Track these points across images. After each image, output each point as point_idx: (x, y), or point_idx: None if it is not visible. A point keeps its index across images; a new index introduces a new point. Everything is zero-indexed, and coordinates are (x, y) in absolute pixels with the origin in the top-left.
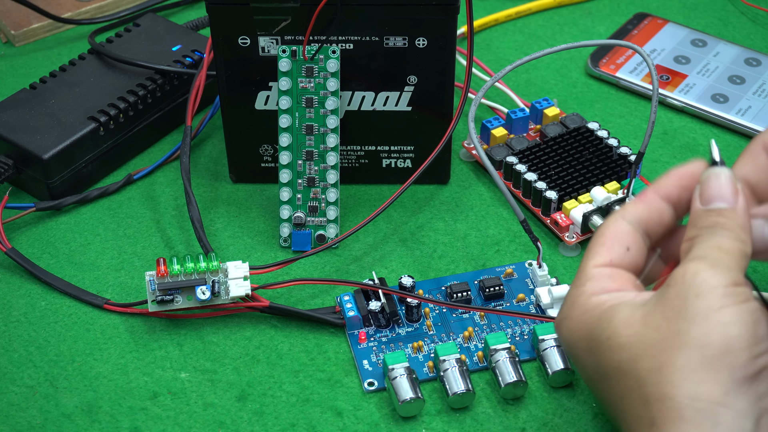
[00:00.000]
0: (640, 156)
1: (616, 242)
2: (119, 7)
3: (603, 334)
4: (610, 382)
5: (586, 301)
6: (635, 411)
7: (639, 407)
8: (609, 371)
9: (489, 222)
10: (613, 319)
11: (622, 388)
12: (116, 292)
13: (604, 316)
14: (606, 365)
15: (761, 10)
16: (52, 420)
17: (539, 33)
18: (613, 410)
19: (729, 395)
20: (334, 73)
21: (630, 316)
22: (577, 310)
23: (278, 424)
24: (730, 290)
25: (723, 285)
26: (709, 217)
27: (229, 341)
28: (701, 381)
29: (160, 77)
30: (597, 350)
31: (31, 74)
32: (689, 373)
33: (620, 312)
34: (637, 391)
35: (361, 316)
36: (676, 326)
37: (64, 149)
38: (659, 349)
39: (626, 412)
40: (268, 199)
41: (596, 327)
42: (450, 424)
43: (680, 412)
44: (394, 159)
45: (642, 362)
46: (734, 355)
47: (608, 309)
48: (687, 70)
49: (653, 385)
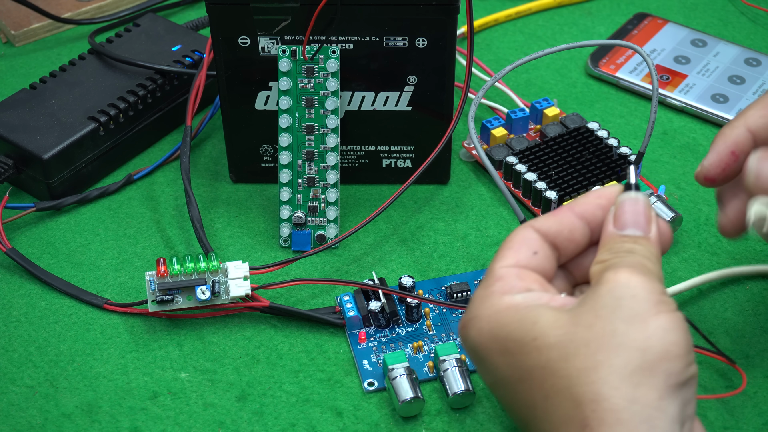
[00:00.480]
0: (640, 156)
1: (522, 246)
2: (119, 7)
3: (527, 335)
4: (532, 383)
5: (498, 301)
6: (562, 411)
7: (568, 407)
8: (533, 372)
9: (489, 222)
10: (538, 321)
11: (547, 389)
12: (116, 292)
13: (525, 318)
14: (529, 366)
15: (761, 10)
16: (52, 420)
17: (539, 33)
18: (531, 412)
19: (663, 400)
20: (334, 73)
21: (556, 317)
22: (487, 310)
23: (278, 424)
24: (664, 298)
25: (658, 292)
26: (624, 242)
27: (229, 341)
28: (639, 384)
29: (160, 77)
30: (518, 351)
31: (31, 74)
32: (627, 374)
33: (544, 314)
34: (567, 391)
35: (361, 316)
36: (612, 326)
37: (64, 149)
38: (593, 349)
39: (551, 413)
40: (268, 199)
41: (516, 328)
42: (450, 424)
43: (617, 414)
44: (394, 159)
45: (574, 361)
46: (671, 361)
47: (528, 311)
48: (687, 70)
49: (586, 385)
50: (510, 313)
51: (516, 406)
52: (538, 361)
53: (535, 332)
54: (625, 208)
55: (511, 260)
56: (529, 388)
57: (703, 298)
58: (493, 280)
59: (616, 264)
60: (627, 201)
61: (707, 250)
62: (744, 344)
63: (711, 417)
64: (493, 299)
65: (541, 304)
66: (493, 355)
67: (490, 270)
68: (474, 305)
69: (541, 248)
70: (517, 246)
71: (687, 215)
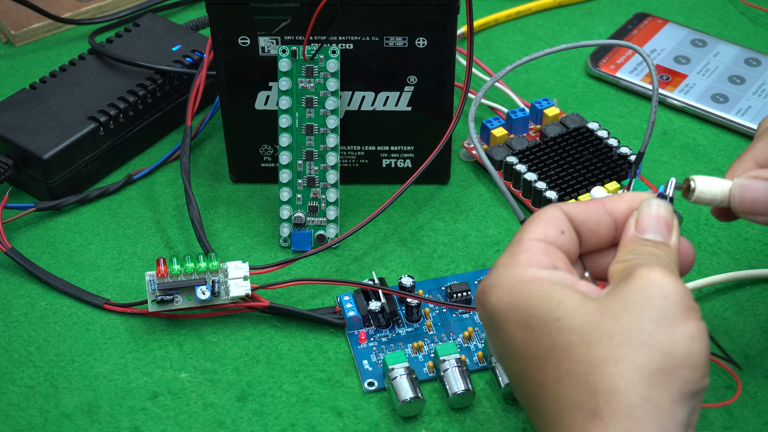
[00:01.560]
0: (640, 156)
1: (551, 223)
2: (119, 7)
3: (551, 313)
4: (546, 362)
5: (523, 272)
6: (574, 396)
7: (581, 393)
8: (550, 351)
9: (489, 222)
10: (563, 301)
11: (561, 371)
12: (116, 292)
13: (550, 296)
14: (547, 344)
15: (761, 10)
16: (52, 420)
17: (539, 33)
18: (539, 390)
19: (676, 405)
20: (334, 73)
21: (582, 302)
22: (510, 279)
23: (278, 424)
24: (694, 305)
25: (689, 297)
26: (646, 245)
27: (229, 341)
28: (656, 385)
29: (160, 77)
30: (537, 327)
31: (31, 74)
32: (647, 374)
33: (569, 296)
34: (583, 377)
35: (361, 316)
36: (639, 323)
37: (64, 149)
38: (616, 341)
39: (560, 395)
40: (268, 199)
41: (539, 304)
42: (450, 424)
43: (630, 410)
44: (394, 159)
45: (595, 349)
46: (691, 370)
47: (554, 289)
48: (687, 70)
49: (604, 375)
50: (534, 287)
51: (524, 381)
52: (557, 342)
53: (560, 312)
54: (648, 212)
55: (540, 234)
56: (542, 366)
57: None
58: (520, 249)
59: (645, 263)
60: (652, 204)
61: (707, 250)
62: (744, 344)
63: (711, 417)
64: (518, 269)
65: (567, 285)
66: (511, 326)
67: (517, 240)
68: (497, 272)
69: (568, 230)
70: (546, 222)
71: (687, 215)
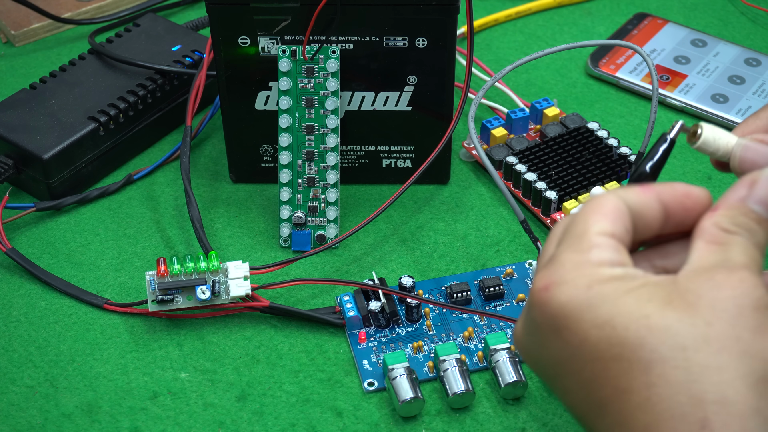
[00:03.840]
0: (640, 156)
1: (618, 218)
2: (119, 7)
3: (639, 310)
4: (632, 364)
5: (597, 272)
6: (674, 406)
7: (683, 403)
8: (637, 351)
9: (489, 222)
10: (652, 299)
11: (653, 376)
12: (116, 292)
13: (636, 293)
14: (635, 344)
15: (761, 10)
16: (52, 420)
17: (539, 33)
18: (620, 396)
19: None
20: (334, 73)
21: (669, 299)
22: (583, 278)
23: (278, 424)
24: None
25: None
26: (750, 218)
27: (229, 341)
28: (762, 395)
29: (160, 77)
30: (622, 326)
31: (31, 74)
32: (753, 383)
33: (654, 292)
34: (684, 386)
35: (361, 316)
36: (735, 331)
37: (64, 149)
38: (715, 348)
39: (654, 403)
40: (268, 199)
41: (625, 301)
42: (450, 424)
43: (743, 422)
44: (394, 159)
45: (694, 355)
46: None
47: (635, 286)
48: (687, 70)
49: (710, 384)
50: (613, 286)
51: (598, 386)
52: (646, 342)
53: (647, 310)
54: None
55: (607, 228)
56: (627, 368)
57: None
58: (588, 245)
59: (733, 260)
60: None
61: None
62: None
63: None
64: (590, 268)
65: (650, 282)
66: (585, 326)
67: (580, 232)
68: (563, 269)
69: (630, 226)
70: (612, 216)
71: None
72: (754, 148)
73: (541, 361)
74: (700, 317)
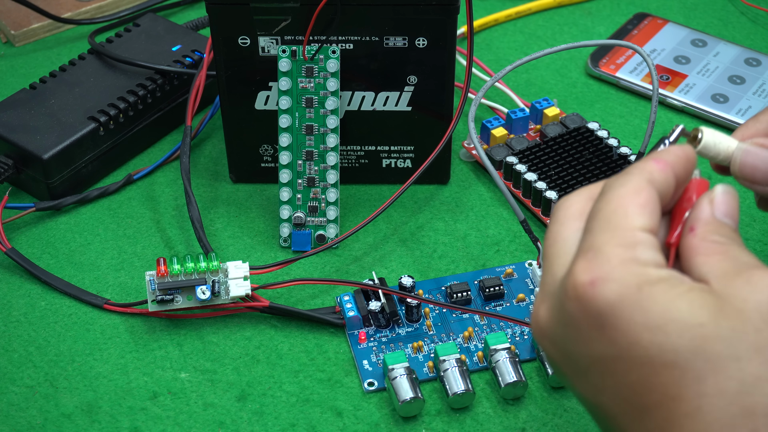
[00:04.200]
0: (640, 156)
1: (654, 211)
2: (119, 7)
3: (692, 317)
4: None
5: (644, 272)
6: (725, 417)
7: (735, 414)
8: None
9: (489, 222)
10: (705, 305)
11: (706, 386)
12: (116, 292)
13: (689, 298)
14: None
15: (761, 10)
16: (52, 420)
17: (539, 33)
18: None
19: None
20: (334, 73)
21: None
22: (632, 277)
23: (278, 424)
24: None
25: None
26: (727, 228)
27: (229, 341)
28: None
29: (160, 77)
30: (677, 333)
31: (31, 74)
32: None
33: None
34: (737, 397)
35: (361, 316)
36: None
37: (64, 149)
38: (765, 357)
39: (704, 413)
40: (268, 199)
41: (678, 307)
42: (450, 424)
43: None
44: (394, 159)
45: (747, 365)
46: None
47: (685, 291)
48: (687, 70)
49: (762, 396)
50: (662, 289)
51: (645, 390)
52: (701, 350)
53: (701, 318)
54: (726, 198)
55: (647, 223)
56: (679, 376)
57: None
58: (633, 241)
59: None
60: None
61: None
62: None
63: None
64: (638, 267)
65: (696, 287)
66: (637, 328)
67: (623, 225)
68: (609, 265)
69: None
70: (650, 209)
71: None
72: (754, 153)
73: (573, 355)
74: (751, 324)
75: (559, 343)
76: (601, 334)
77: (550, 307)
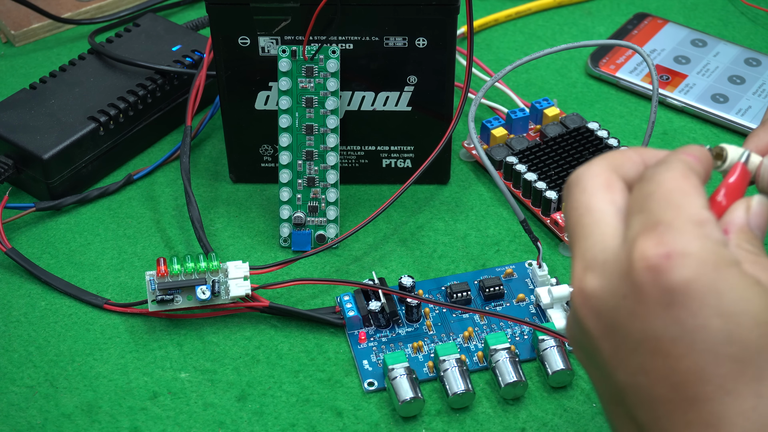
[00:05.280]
0: None
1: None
2: (119, 7)
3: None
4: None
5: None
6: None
7: None
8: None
9: (489, 222)
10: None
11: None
12: (116, 292)
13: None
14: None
15: (761, 10)
16: (52, 420)
17: (539, 33)
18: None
19: None
20: (334, 73)
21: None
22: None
23: (278, 424)
24: None
25: None
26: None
27: (229, 341)
28: None
29: (160, 77)
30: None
31: (31, 74)
32: None
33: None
34: None
35: (361, 316)
36: None
37: (64, 149)
38: None
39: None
40: (268, 199)
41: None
42: (450, 424)
43: None
44: (394, 159)
45: None
46: None
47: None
48: (687, 70)
49: None
50: (737, 274)
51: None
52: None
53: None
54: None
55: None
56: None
57: None
58: (701, 218)
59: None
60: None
61: None
62: None
63: None
64: (714, 245)
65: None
66: (707, 313)
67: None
68: (684, 237)
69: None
70: (702, 191)
71: None
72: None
73: (623, 329)
74: None
75: (607, 314)
76: (667, 311)
77: (601, 276)
